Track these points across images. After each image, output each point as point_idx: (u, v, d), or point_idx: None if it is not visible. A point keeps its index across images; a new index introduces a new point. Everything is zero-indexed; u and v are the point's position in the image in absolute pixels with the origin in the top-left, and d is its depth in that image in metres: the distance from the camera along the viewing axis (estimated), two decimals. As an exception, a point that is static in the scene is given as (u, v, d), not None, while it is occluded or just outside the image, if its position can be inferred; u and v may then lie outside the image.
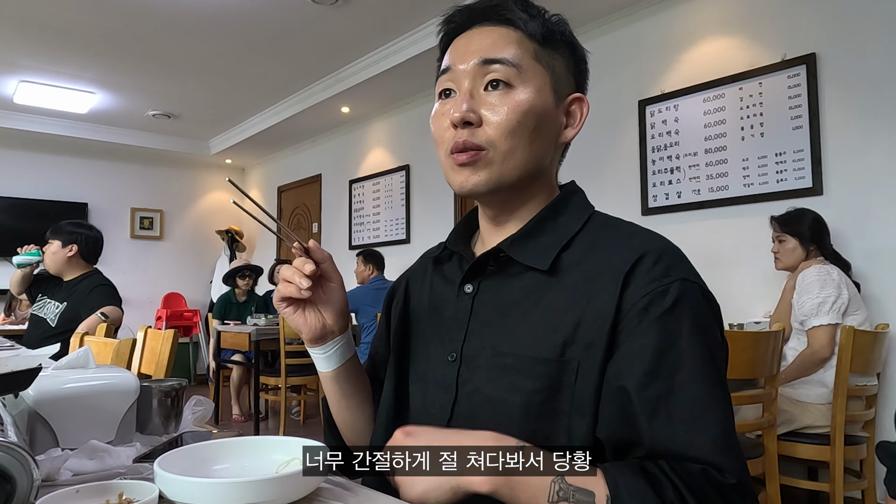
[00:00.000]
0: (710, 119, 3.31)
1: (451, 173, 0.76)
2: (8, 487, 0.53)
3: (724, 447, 0.61)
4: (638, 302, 0.65)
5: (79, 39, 4.24)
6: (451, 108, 0.74)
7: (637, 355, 0.64)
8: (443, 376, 0.77)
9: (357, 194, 5.93)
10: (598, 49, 3.84)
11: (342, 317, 0.82)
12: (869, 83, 2.77)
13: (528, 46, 0.75)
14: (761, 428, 2.09)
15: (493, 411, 0.70)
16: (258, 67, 4.77)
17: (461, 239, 0.86)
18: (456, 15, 0.79)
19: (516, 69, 0.73)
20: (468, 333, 0.76)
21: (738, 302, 3.11)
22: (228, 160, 7.50)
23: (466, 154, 0.73)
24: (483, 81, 0.74)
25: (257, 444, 0.71)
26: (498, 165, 0.73)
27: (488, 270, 0.78)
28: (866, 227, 2.75)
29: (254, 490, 0.56)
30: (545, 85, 0.75)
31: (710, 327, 0.67)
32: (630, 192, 3.63)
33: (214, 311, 5.31)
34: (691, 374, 0.63)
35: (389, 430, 0.82)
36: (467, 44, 0.76)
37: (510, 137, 0.73)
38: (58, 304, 2.77)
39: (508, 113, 0.72)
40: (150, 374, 2.07)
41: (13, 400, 0.89)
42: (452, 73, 0.76)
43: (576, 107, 0.80)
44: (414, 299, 0.89)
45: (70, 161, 6.67)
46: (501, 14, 0.76)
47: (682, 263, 0.70)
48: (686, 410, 0.62)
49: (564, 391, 0.67)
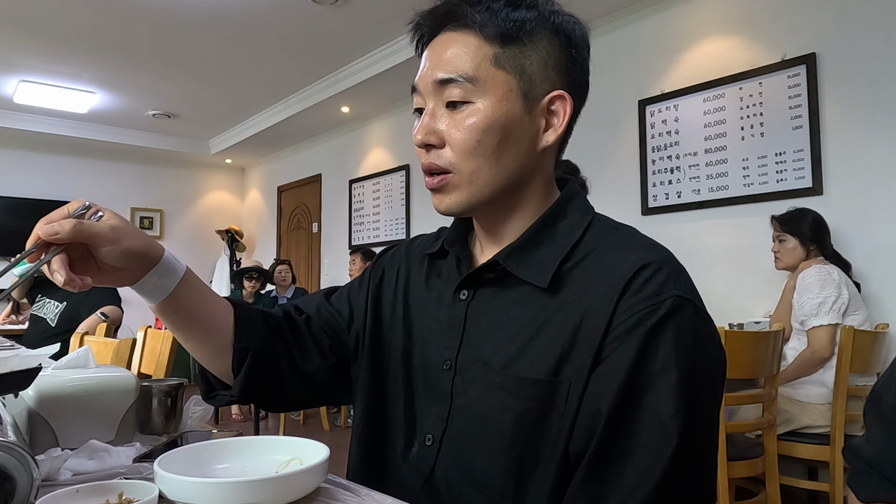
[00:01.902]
0: (710, 119, 3.31)
1: (428, 189, 0.74)
2: (8, 487, 0.53)
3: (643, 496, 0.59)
4: (626, 321, 0.63)
5: (79, 39, 4.24)
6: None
7: (612, 374, 0.62)
8: (438, 383, 0.75)
9: (357, 194, 5.93)
10: (598, 49, 3.82)
11: (135, 259, 0.70)
12: (869, 83, 2.77)
13: (486, 52, 0.69)
14: (761, 428, 2.09)
15: (485, 429, 0.69)
16: (258, 67, 4.77)
17: (459, 237, 0.83)
18: (422, 23, 0.75)
19: (472, 83, 0.69)
20: (463, 343, 0.74)
21: (738, 302, 3.11)
22: (228, 160, 7.50)
23: (434, 179, 0.71)
24: (443, 100, 0.70)
25: (257, 443, 0.71)
26: (465, 187, 0.71)
27: (485, 278, 0.75)
28: (866, 226, 2.75)
29: (254, 490, 0.56)
30: (510, 91, 0.69)
31: (697, 345, 0.64)
32: (630, 192, 3.63)
33: None
34: (651, 401, 0.61)
35: (375, 419, 0.81)
36: (430, 56, 0.72)
37: (471, 158, 0.69)
38: (57, 304, 2.77)
39: (466, 133, 0.69)
40: (150, 374, 2.08)
41: (13, 400, 0.89)
42: (418, 92, 0.73)
43: (558, 105, 0.72)
44: (411, 295, 0.85)
45: (70, 161, 6.68)
46: (458, 18, 0.71)
47: (678, 279, 0.66)
48: (633, 443, 0.61)
49: (555, 412, 0.65)
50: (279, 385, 0.83)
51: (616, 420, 0.61)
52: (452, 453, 0.72)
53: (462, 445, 0.71)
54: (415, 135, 0.72)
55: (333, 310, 0.89)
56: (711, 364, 0.65)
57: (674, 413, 0.60)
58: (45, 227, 0.63)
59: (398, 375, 0.81)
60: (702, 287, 0.71)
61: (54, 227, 0.63)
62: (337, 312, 0.89)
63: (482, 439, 0.69)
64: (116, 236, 0.67)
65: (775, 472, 2.08)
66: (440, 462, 0.73)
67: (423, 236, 0.91)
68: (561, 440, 0.65)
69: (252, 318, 0.82)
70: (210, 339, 0.79)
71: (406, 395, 0.80)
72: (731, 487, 2.01)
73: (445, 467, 0.72)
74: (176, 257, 0.76)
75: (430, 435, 0.74)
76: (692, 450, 0.60)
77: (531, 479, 0.66)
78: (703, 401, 0.62)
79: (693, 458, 0.61)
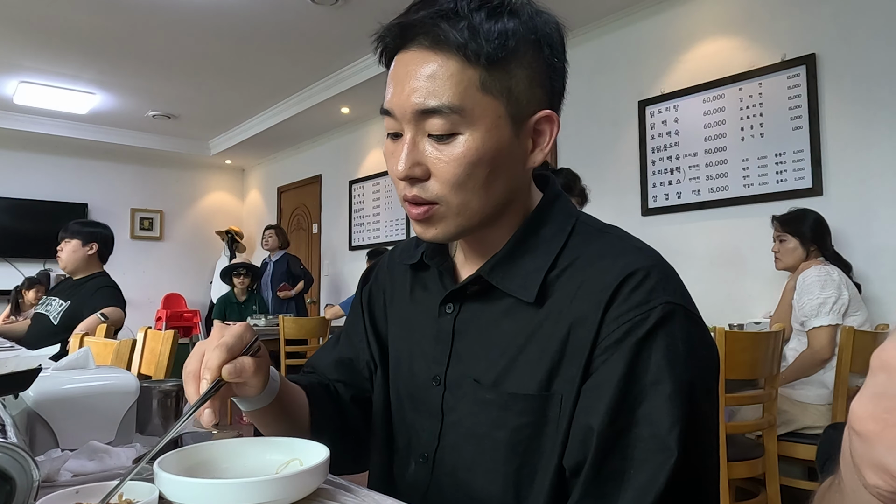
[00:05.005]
0: (709, 119, 3.31)
1: (411, 218, 0.70)
2: (7, 488, 0.53)
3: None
4: (614, 332, 0.61)
5: (79, 40, 4.24)
6: (398, 157, 0.65)
7: (603, 387, 0.60)
8: (428, 399, 0.74)
9: (357, 195, 5.93)
10: (598, 50, 3.84)
11: (256, 388, 0.69)
12: (869, 83, 2.77)
13: (471, 77, 0.62)
14: (761, 428, 2.09)
15: (479, 447, 0.68)
16: (258, 68, 4.77)
17: (439, 248, 0.78)
18: (387, 36, 0.67)
19: (458, 114, 0.62)
20: (451, 358, 0.72)
21: (739, 302, 3.11)
22: (228, 161, 7.50)
23: (418, 209, 0.66)
24: (425, 131, 0.64)
25: (257, 444, 0.71)
26: (453, 218, 0.66)
27: (470, 291, 0.72)
28: (866, 227, 2.75)
29: (254, 491, 0.56)
30: (498, 118, 0.64)
31: (690, 351, 0.61)
32: (630, 192, 3.63)
33: (214, 311, 5.30)
34: (646, 414, 0.59)
35: (386, 437, 0.80)
36: (404, 76, 0.64)
37: (460, 192, 0.64)
38: (62, 302, 2.77)
39: (455, 167, 0.63)
40: (149, 375, 2.07)
41: (13, 401, 0.89)
42: (393, 116, 0.66)
43: (544, 126, 0.68)
44: (395, 309, 0.83)
45: (70, 162, 6.68)
46: (435, 35, 0.62)
47: (667, 283, 0.63)
48: (628, 458, 0.59)
49: (550, 425, 0.64)
50: (358, 453, 0.85)
51: (611, 435, 0.59)
52: (447, 470, 0.71)
53: (457, 463, 0.70)
54: (394, 166, 0.66)
55: (347, 360, 0.88)
56: (706, 369, 0.63)
57: (671, 425, 0.58)
58: (231, 369, 0.63)
59: (391, 391, 0.80)
60: (701, 287, 0.71)
61: (237, 369, 0.64)
62: (349, 360, 0.88)
63: (477, 456, 0.68)
64: (266, 368, 0.69)
65: (775, 472, 2.08)
66: (435, 480, 0.72)
67: (402, 244, 0.87)
68: (557, 453, 0.63)
69: (328, 413, 0.82)
70: (293, 433, 0.78)
71: (398, 410, 0.79)
72: (731, 488, 2.01)
73: (441, 485, 0.71)
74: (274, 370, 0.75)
75: (424, 453, 0.73)
76: (692, 461, 0.58)
77: (529, 493, 0.65)
78: (699, 408, 0.60)
79: (694, 469, 0.59)
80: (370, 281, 0.90)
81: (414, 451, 0.75)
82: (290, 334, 4.14)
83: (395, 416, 0.80)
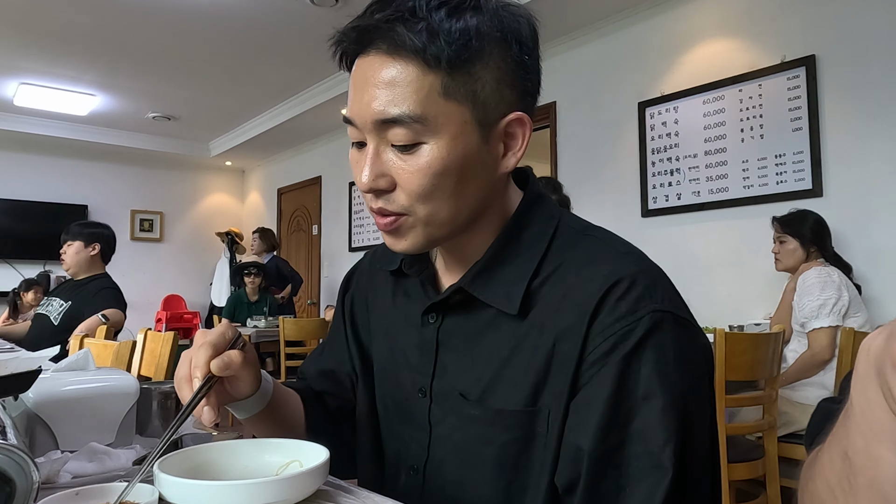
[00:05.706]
0: (709, 121, 3.31)
1: (379, 230, 0.68)
2: (7, 490, 0.53)
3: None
4: (601, 345, 0.59)
5: (79, 42, 4.25)
6: (361, 168, 0.63)
7: (592, 404, 0.59)
8: (415, 411, 0.73)
9: (357, 196, 5.93)
10: (597, 51, 3.85)
11: (249, 385, 0.70)
12: (868, 85, 2.77)
13: (432, 83, 0.59)
14: (761, 430, 2.09)
15: (468, 461, 0.67)
16: (258, 70, 4.77)
17: (418, 257, 0.75)
18: (344, 40, 0.64)
19: (421, 123, 0.59)
20: (437, 369, 0.71)
21: (739, 303, 3.11)
22: (228, 162, 7.51)
23: (385, 219, 0.64)
24: (388, 140, 0.61)
25: (257, 446, 0.70)
26: (422, 228, 0.64)
27: (452, 301, 0.70)
28: (866, 228, 2.76)
29: (254, 492, 0.56)
30: (464, 124, 0.60)
31: (682, 360, 0.59)
32: (630, 193, 3.63)
33: (224, 310, 5.25)
34: (638, 430, 0.57)
35: (373, 444, 0.79)
36: (363, 83, 0.61)
37: (427, 202, 0.62)
38: (62, 303, 2.77)
39: (420, 178, 0.61)
40: (149, 377, 2.07)
41: (13, 402, 0.89)
42: (354, 126, 0.64)
43: (516, 129, 0.64)
44: (377, 316, 0.82)
45: (70, 163, 6.68)
46: (392, 40, 0.59)
47: (655, 289, 0.61)
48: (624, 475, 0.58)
49: (538, 440, 0.62)
50: (355, 456, 0.84)
51: (602, 455, 0.58)
52: (438, 483, 0.70)
53: (446, 477, 0.69)
54: (359, 177, 0.63)
55: (329, 372, 0.87)
56: (699, 375, 0.61)
57: (664, 441, 0.56)
58: (219, 363, 0.64)
59: (377, 401, 0.80)
60: (701, 289, 0.70)
61: (225, 362, 0.64)
62: (331, 372, 0.87)
63: (466, 471, 0.67)
64: (254, 364, 0.70)
65: (776, 474, 2.08)
66: (426, 493, 0.71)
67: (381, 247, 0.82)
68: (548, 470, 0.62)
69: (322, 416, 0.83)
70: (287, 434, 0.77)
71: (385, 420, 0.78)
72: (731, 489, 2.00)
73: (432, 498, 0.70)
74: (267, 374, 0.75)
75: (414, 465, 0.73)
76: (689, 477, 0.57)
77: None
78: (694, 419, 0.58)
79: (691, 484, 0.57)
80: (351, 287, 0.88)
81: (403, 462, 0.74)
82: (289, 335, 4.14)
83: (382, 426, 0.79)
